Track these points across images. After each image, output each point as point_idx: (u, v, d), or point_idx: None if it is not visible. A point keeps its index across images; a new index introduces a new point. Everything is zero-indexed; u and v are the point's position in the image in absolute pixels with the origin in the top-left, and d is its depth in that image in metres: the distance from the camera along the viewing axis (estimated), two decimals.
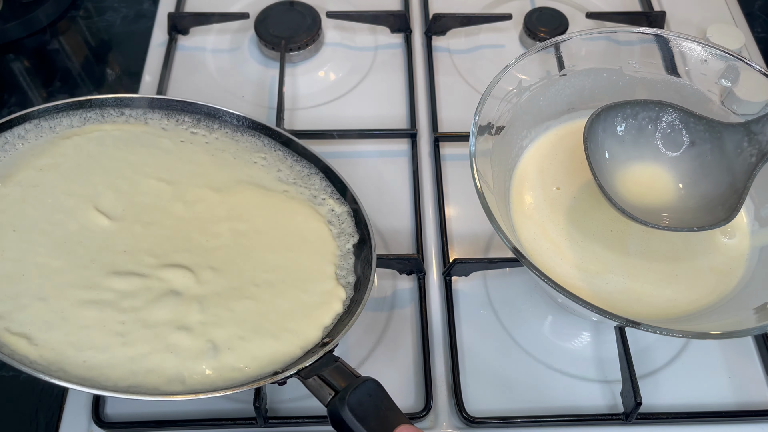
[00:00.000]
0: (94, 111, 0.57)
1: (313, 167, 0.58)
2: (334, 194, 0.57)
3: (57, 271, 0.47)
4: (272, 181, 0.57)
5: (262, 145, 0.60)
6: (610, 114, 0.52)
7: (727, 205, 0.49)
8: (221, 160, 0.57)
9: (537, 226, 0.54)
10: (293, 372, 0.43)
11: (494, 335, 0.57)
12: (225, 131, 0.60)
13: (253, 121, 0.60)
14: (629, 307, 0.50)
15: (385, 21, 0.77)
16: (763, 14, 0.85)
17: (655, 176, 0.54)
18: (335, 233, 0.55)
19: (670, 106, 0.52)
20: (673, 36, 0.56)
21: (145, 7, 0.84)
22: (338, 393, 0.40)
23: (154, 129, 0.58)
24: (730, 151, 0.51)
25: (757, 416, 0.53)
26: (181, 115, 0.60)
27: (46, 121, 0.55)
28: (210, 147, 0.58)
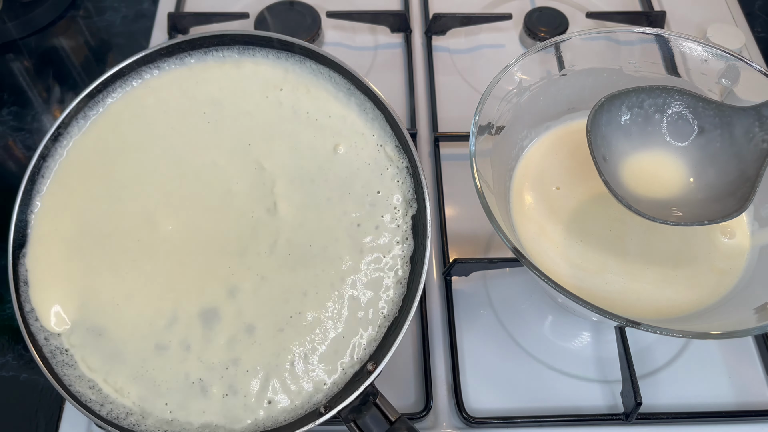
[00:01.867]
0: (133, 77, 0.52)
1: (368, 100, 0.50)
2: (392, 139, 0.49)
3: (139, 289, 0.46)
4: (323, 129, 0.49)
5: (309, 77, 0.51)
6: (615, 104, 0.51)
7: (738, 195, 0.48)
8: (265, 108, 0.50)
9: (537, 226, 0.54)
10: (334, 413, 0.43)
11: (494, 335, 0.57)
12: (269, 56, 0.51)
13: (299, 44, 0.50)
14: (629, 307, 0.50)
15: (385, 21, 0.77)
16: (763, 14, 0.85)
17: (662, 167, 0.53)
18: (392, 202, 0.48)
19: (677, 91, 0.51)
20: (673, 36, 0.56)
21: (145, 7, 0.84)
22: None
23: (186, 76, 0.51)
24: (740, 137, 0.49)
25: (757, 416, 0.53)
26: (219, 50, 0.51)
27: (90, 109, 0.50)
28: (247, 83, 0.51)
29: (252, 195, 0.48)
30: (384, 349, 0.45)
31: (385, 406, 0.43)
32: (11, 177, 0.69)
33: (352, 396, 0.43)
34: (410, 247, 0.47)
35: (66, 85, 0.76)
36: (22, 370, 0.57)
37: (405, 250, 0.47)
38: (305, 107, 0.50)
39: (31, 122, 0.73)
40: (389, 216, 0.48)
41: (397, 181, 0.48)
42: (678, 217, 0.49)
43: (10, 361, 0.57)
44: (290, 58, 0.50)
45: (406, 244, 0.47)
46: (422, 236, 0.46)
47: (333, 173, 0.48)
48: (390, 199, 0.48)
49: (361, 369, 0.46)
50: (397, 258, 0.47)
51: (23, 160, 0.70)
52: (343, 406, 0.42)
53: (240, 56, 0.51)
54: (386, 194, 0.48)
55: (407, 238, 0.47)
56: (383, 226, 0.47)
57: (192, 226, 0.48)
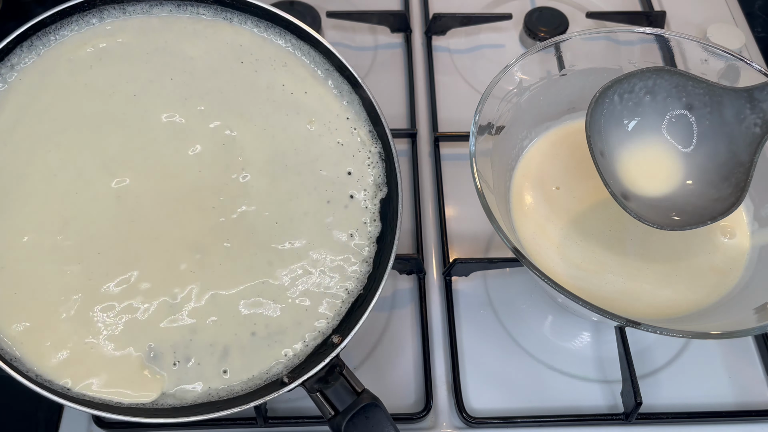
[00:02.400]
0: (93, 14, 0.46)
1: (346, 83, 0.50)
2: (367, 124, 0.49)
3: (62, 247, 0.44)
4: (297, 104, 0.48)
5: (287, 51, 0.49)
6: (608, 94, 0.50)
7: (733, 181, 0.48)
8: (241, 77, 0.48)
9: (537, 226, 0.54)
10: (299, 383, 0.43)
11: (494, 335, 0.57)
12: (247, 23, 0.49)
13: (282, 17, 0.48)
14: (629, 307, 0.50)
15: (385, 21, 0.77)
16: (763, 14, 0.85)
17: (657, 155, 0.52)
18: (363, 183, 0.48)
19: (667, 71, 0.50)
20: (673, 36, 0.56)
21: None
22: (338, 414, 0.42)
23: (155, 27, 0.48)
24: (731, 117, 0.49)
25: (757, 416, 0.53)
26: (195, 6, 0.48)
27: (38, 39, 0.45)
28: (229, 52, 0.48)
29: (218, 160, 0.47)
30: (349, 323, 0.45)
31: (350, 377, 0.43)
32: None
33: (318, 366, 0.42)
34: (377, 228, 0.48)
35: None
36: None
37: (372, 230, 0.47)
38: (281, 80, 0.49)
39: None
40: (359, 196, 0.48)
41: (368, 164, 0.48)
42: (678, 221, 0.49)
43: None
44: (270, 29, 0.48)
45: (374, 225, 0.48)
46: (393, 219, 0.47)
47: (304, 148, 0.48)
48: (360, 180, 0.48)
49: (324, 342, 0.46)
50: (364, 237, 0.47)
51: None
52: (308, 376, 0.42)
53: (215, 17, 0.48)
54: (357, 176, 0.48)
55: (375, 220, 0.48)
56: (352, 206, 0.48)
57: (151, 183, 0.46)
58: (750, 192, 0.54)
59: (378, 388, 0.53)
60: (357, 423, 0.41)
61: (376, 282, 0.46)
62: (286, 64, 0.48)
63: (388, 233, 0.47)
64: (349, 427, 0.41)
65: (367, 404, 0.42)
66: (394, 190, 0.47)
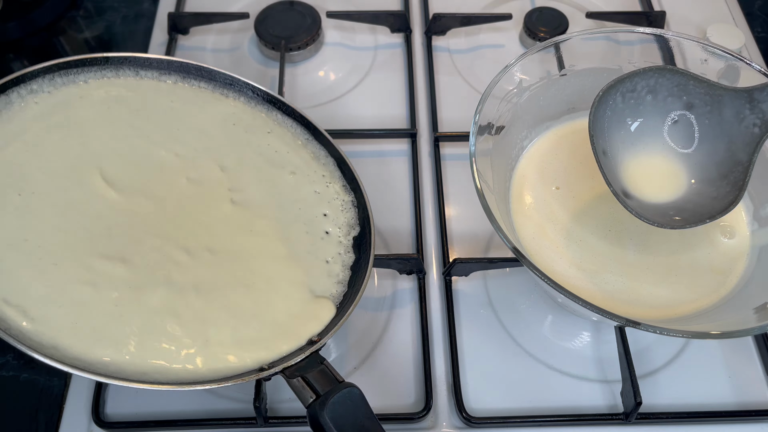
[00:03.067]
0: (110, 69, 0.55)
1: (323, 149, 0.57)
2: (341, 180, 0.56)
3: (59, 243, 0.46)
4: (281, 160, 0.55)
5: (274, 122, 0.57)
6: (611, 93, 0.51)
7: (731, 179, 0.48)
8: (232, 135, 0.55)
9: (537, 226, 0.54)
10: (278, 370, 0.44)
11: (494, 335, 0.57)
12: (241, 101, 0.58)
13: (269, 94, 0.58)
14: (629, 307, 0.50)
15: (385, 21, 0.77)
16: (763, 14, 0.85)
17: (658, 154, 0.53)
18: (337, 223, 0.54)
19: (669, 70, 0.51)
20: (673, 36, 0.56)
21: (145, 7, 0.84)
22: (319, 397, 0.41)
23: (168, 90, 0.56)
24: (730, 117, 0.49)
25: (757, 416, 0.53)
26: (197, 80, 0.57)
27: (60, 77, 0.53)
28: (223, 118, 0.56)
29: (209, 186, 0.52)
30: (330, 328, 0.48)
31: (332, 369, 0.44)
32: None
33: (297, 357, 0.44)
34: (351, 258, 0.53)
35: None
36: (22, 370, 0.57)
37: (346, 259, 0.53)
38: (267, 140, 0.57)
39: None
40: (333, 232, 0.54)
41: (341, 210, 0.55)
42: (678, 220, 0.49)
43: (10, 361, 0.57)
44: (260, 105, 0.58)
45: (348, 255, 0.53)
46: (365, 250, 0.53)
47: (287, 191, 0.54)
48: (335, 220, 0.54)
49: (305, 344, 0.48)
50: (338, 263, 0.53)
51: None
52: (287, 364, 0.44)
53: (213, 91, 0.58)
54: (332, 217, 0.54)
55: (348, 251, 0.53)
56: (327, 239, 0.53)
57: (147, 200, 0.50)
58: (749, 192, 0.54)
59: (378, 388, 0.54)
60: (339, 407, 0.40)
61: (350, 300, 0.50)
62: (271, 131, 0.57)
63: (362, 262, 0.53)
64: (331, 410, 0.40)
65: (348, 390, 0.41)
66: (367, 228, 0.54)
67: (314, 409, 0.41)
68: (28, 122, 0.50)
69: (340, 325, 0.48)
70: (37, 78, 0.52)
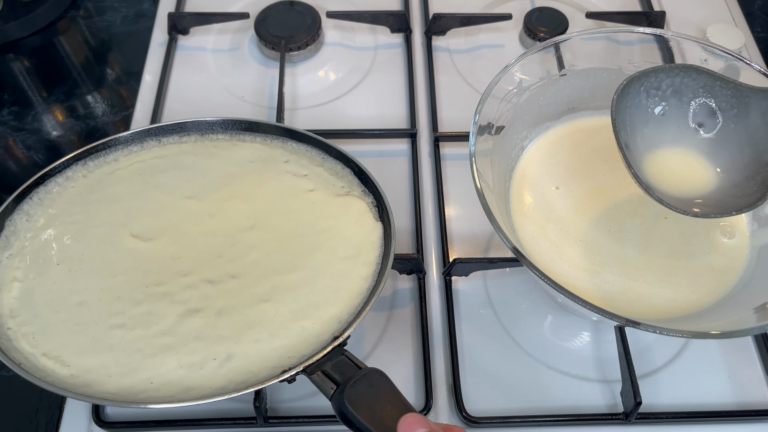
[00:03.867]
0: (135, 143, 0.59)
1: (339, 163, 0.59)
2: (359, 186, 0.57)
3: (95, 298, 0.50)
4: (298, 181, 0.58)
5: (290, 152, 0.60)
6: (634, 86, 0.50)
7: (758, 179, 0.48)
8: (251, 171, 0.59)
9: (536, 226, 0.54)
10: (299, 370, 0.44)
11: (494, 335, 0.57)
12: (258, 142, 0.61)
13: (284, 128, 0.60)
14: (629, 307, 0.50)
15: (385, 21, 0.77)
16: (763, 14, 0.85)
17: (682, 150, 0.52)
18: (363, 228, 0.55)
19: (694, 69, 0.50)
20: (673, 36, 0.56)
21: (145, 7, 0.84)
22: (339, 386, 0.40)
23: (190, 148, 0.61)
24: (757, 118, 0.49)
25: (757, 416, 0.53)
26: (215, 134, 0.61)
27: (92, 160, 0.58)
28: (242, 160, 0.60)
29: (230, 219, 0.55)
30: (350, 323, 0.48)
31: (352, 358, 0.43)
32: (11, 177, 0.69)
33: (318, 354, 0.44)
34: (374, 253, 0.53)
35: (66, 85, 0.76)
36: None
37: (372, 254, 0.53)
38: (284, 168, 0.59)
39: (32, 122, 0.73)
40: (357, 232, 0.54)
41: (364, 211, 0.55)
42: (701, 210, 0.48)
43: None
44: (276, 140, 0.60)
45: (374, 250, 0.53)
46: (388, 245, 0.53)
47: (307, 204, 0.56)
48: (358, 219, 0.55)
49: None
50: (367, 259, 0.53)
51: (23, 160, 0.70)
52: (308, 363, 0.44)
53: (231, 139, 0.61)
54: (355, 216, 0.55)
55: (373, 248, 0.53)
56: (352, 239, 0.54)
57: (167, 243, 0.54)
58: None
59: None
60: (360, 391, 0.38)
61: (374, 292, 0.50)
62: (288, 160, 0.59)
63: (386, 258, 0.53)
64: (352, 394, 0.38)
65: (370, 372, 0.40)
66: (387, 224, 0.54)
67: (335, 399, 0.39)
68: (66, 205, 0.55)
69: (361, 318, 0.47)
70: (71, 166, 0.57)
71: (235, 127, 0.61)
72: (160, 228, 0.54)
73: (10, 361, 0.46)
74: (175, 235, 0.54)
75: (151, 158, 0.59)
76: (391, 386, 0.40)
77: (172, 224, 0.54)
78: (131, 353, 0.47)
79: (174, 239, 0.53)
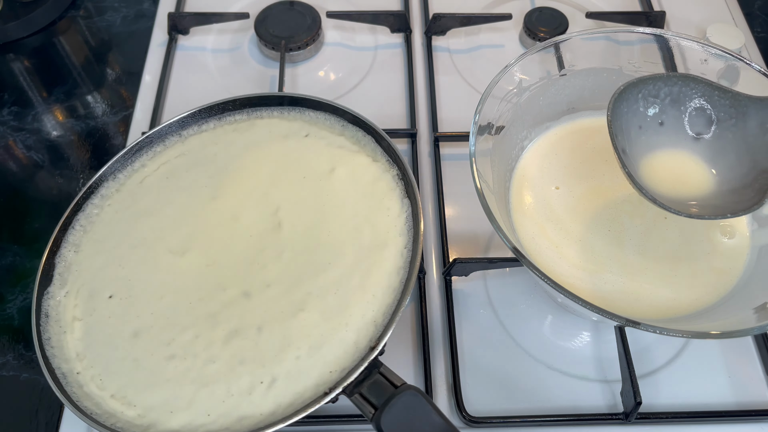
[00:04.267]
0: (157, 144, 0.59)
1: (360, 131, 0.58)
2: (383, 156, 0.56)
3: (146, 325, 0.50)
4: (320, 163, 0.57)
5: (308, 123, 0.59)
6: (632, 92, 0.50)
7: (756, 187, 0.48)
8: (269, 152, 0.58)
9: (536, 226, 0.54)
10: (339, 391, 0.44)
11: (494, 335, 0.57)
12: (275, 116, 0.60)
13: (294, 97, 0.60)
14: (629, 307, 0.50)
15: (385, 21, 0.78)
16: (763, 14, 0.85)
17: (679, 158, 0.52)
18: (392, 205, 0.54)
19: (692, 79, 0.50)
20: (673, 36, 0.56)
21: (145, 7, 0.84)
22: (376, 410, 0.42)
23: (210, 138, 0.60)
24: (755, 128, 0.49)
25: (757, 416, 0.53)
26: (232, 114, 0.61)
27: (120, 171, 0.58)
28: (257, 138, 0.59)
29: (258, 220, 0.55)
30: (384, 331, 0.47)
31: (389, 374, 0.44)
32: (11, 177, 0.69)
33: (355, 373, 0.44)
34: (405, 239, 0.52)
35: (66, 85, 0.76)
36: (22, 370, 0.57)
37: (401, 242, 0.51)
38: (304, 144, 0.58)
39: (32, 122, 0.73)
40: (385, 215, 0.53)
41: (390, 188, 0.54)
42: (698, 211, 0.48)
43: (10, 361, 0.57)
44: (293, 110, 0.60)
45: (402, 237, 0.52)
46: (416, 224, 0.52)
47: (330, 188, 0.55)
48: (383, 201, 0.53)
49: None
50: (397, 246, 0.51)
51: (23, 160, 0.70)
52: (347, 383, 0.44)
53: (249, 117, 0.61)
54: (380, 198, 0.54)
55: (401, 234, 0.52)
56: (379, 225, 0.52)
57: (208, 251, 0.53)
58: None
59: None
60: (396, 414, 0.40)
61: (408, 287, 0.49)
62: (308, 134, 0.59)
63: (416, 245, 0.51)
64: (388, 419, 0.40)
65: (404, 394, 0.41)
66: (414, 203, 0.53)
67: (375, 422, 0.41)
68: (107, 228, 0.55)
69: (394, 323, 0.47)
70: (103, 183, 0.57)
71: (250, 104, 0.61)
72: (191, 237, 0.54)
73: (83, 414, 0.46)
74: (206, 243, 0.53)
75: (175, 157, 0.59)
76: (425, 406, 0.41)
77: (202, 232, 0.54)
78: (185, 385, 0.47)
79: (206, 248, 0.53)
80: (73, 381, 0.48)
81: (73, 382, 0.48)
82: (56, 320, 0.50)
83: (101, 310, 0.51)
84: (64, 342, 0.49)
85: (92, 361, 0.48)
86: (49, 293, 0.51)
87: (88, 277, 0.52)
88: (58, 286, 0.52)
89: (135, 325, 0.50)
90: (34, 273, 0.60)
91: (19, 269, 0.62)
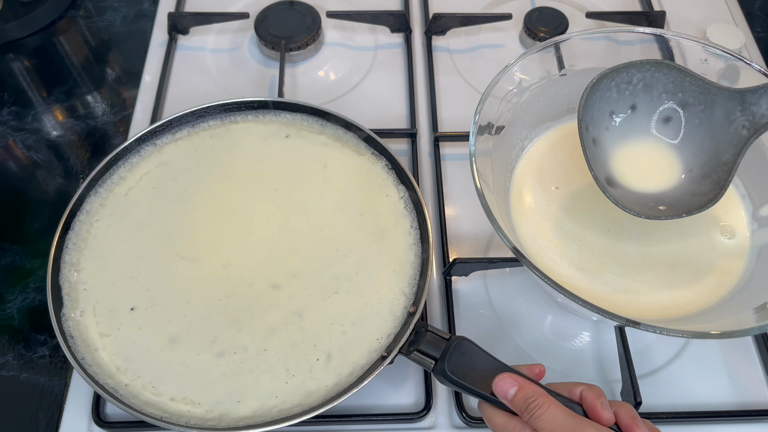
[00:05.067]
0: (133, 155, 0.60)
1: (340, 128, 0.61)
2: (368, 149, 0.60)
3: (183, 328, 0.51)
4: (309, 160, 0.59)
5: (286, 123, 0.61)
6: (604, 82, 0.51)
7: (714, 178, 0.49)
8: (251, 154, 0.60)
9: (536, 226, 0.54)
10: (396, 352, 0.48)
11: (494, 335, 0.57)
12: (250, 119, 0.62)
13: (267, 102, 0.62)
14: (629, 307, 0.50)
15: (385, 21, 0.77)
16: (763, 14, 0.85)
17: (648, 147, 0.53)
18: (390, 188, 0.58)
19: (665, 65, 0.51)
20: (673, 36, 0.56)
21: (145, 7, 0.84)
22: (437, 361, 0.46)
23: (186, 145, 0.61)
24: (721, 117, 0.50)
25: (757, 416, 0.53)
26: (205, 121, 0.62)
27: (100, 186, 0.58)
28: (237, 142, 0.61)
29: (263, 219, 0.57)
30: (419, 294, 0.53)
31: (436, 331, 0.48)
32: (11, 177, 0.69)
33: (404, 336, 0.49)
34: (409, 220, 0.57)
35: (66, 85, 0.76)
36: (22, 370, 0.57)
37: (405, 223, 0.57)
38: (288, 145, 0.61)
39: (31, 122, 0.73)
40: (384, 201, 0.58)
41: (383, 178, 0.59)
42: (656, 211, 0.49)
43: (10, 361, 0.57)
44: (267, 113, 0.63)
45: (405, 218, 0.57)
46: (420, 208, 0.56)
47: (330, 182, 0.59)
48: (380, 189, 0.58)
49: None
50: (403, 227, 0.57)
51: (23, 160, 0.70)
52: (400, 345, 0.48)
53: (223, 122, 0.63)
54: (376, 186, 0.58)
55: (403, 216, 0.57)
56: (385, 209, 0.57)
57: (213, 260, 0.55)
58: (749, 192, 0.54)
59: (378, 387, 0.54)
60: (456, 360, 0.45)
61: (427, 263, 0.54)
62: (288, 135, 0.61)
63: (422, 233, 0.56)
64: (451, 365, 0.45)
65: (458, 343, 0.46)
66: (411, 187, 0.58)
67: (437, 373, 0.46)
68: (104, 243, 0.56)
69: (427, 287, 0.52)
70: (86, 199, 0.57)
71: (217, 111, 0.62)
72: (199, 242, 0.55)
73: (151, 418, 0.46)
74: (216, 246, 0.55)
75: (155, 167, 0.60)
76: (477, 350, 0.46)
77: (208, 236, 0.55)
78: (244, 375, 0.49)
79: (217, 251, 0.55)
80: (127, 393, 0.48)
81: (127, 395, 0.48)
82: (82, 340, 0.51)
83: (127, 323, 0.51)
84: (100, 359, 0.50)
85: (137, 372, 0.49)
86: (64, 315, 0.51)
87: (102, 294, 0.53)
88: (71, 307, 0.52)
89: (170, 331, 0.51)
90: (34, 273, 0.61)
91: (19, 269, 0.62)
